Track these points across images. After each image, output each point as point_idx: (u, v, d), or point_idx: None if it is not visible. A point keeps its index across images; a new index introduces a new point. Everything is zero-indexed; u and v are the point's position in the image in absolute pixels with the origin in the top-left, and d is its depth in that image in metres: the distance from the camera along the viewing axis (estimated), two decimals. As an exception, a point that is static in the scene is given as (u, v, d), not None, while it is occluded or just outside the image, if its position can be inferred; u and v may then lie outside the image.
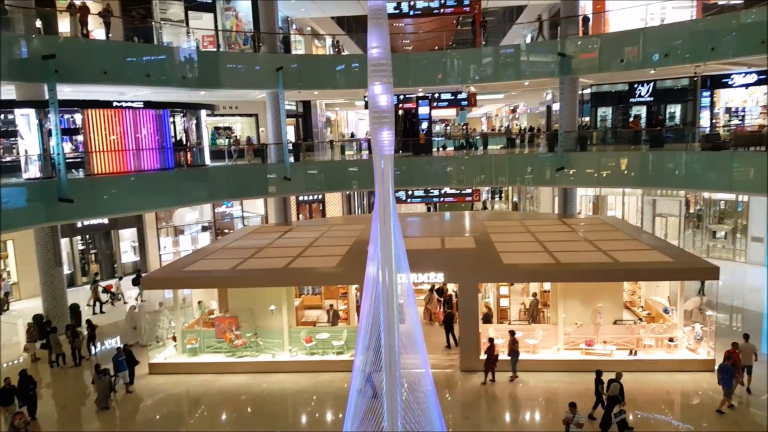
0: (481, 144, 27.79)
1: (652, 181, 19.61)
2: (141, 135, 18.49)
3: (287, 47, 23.79)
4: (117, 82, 17.89)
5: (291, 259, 16.22)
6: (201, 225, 28.17)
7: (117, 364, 14.18)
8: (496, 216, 31.29)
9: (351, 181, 24.03)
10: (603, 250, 15.58)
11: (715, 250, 24.33)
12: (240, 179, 21.93)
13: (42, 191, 15.77)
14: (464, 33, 28.52)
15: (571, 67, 20.57)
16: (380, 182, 10.01)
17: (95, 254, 24.92)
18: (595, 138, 23.44)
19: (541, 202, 34.73)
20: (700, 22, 18.04)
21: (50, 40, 16.46)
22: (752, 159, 16.16)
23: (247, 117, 29.62)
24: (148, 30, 21.04)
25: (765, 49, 15.53)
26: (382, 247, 9.64)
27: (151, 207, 21.27)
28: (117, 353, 14.34)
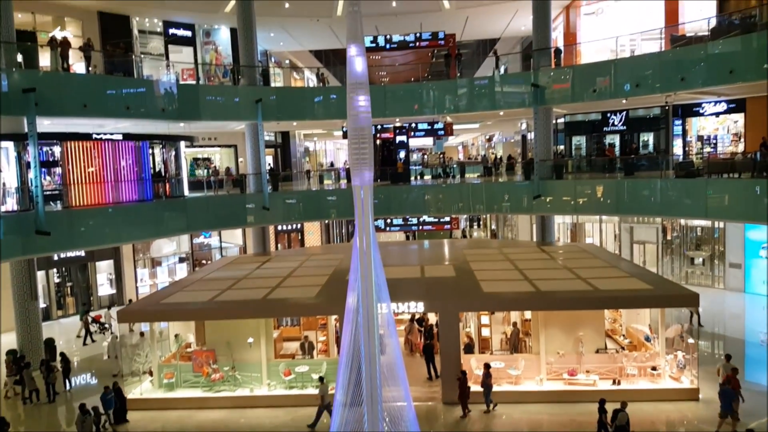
0: (458, 172, 28.14)
1: (629, 209, 19.94)
2: (120, 167, 18.35)
3: (266, 80, 24.00)
4: (97, 115, 17.83)
5: (269, 290, 16.06)
6: (179, 256, 27.81)
7: (105, 402, 13.71)
8: (475, 244, 31.48)
9: (329, 210, 24.05)
10: (583, 278, 15.73)
11: (694, 277, 24.68)
12: (218, 210, 21.80)
13: (19, 224, 15.52)
14: (439, 65, 29.22)
15: (544, 97, 21.05)
16: (360, 212, 10.07)
17: (71, 287, 24.40)
18: (570, 166, 23.86)
19: (519, 229, 35.07)
20: (669, 53, 18.63)
21: (30, 74, 16.39)
22: (726, 186, 16.57)
23: (227, 148, 29.64)
24: (128, 63, 21.10)
25: (733, 78, 16.13)
26: (363, 278, 9.62)
27: (129, 239, 20.99)
28: (105, 391, 13.89)
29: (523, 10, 26.24)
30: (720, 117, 23.35)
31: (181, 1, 23.83)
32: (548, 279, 15.89)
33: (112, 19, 24.25)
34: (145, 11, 25.07)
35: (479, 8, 26.68)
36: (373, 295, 9.85)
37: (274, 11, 25.24)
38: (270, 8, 24.60)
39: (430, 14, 27.08)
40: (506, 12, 27.62)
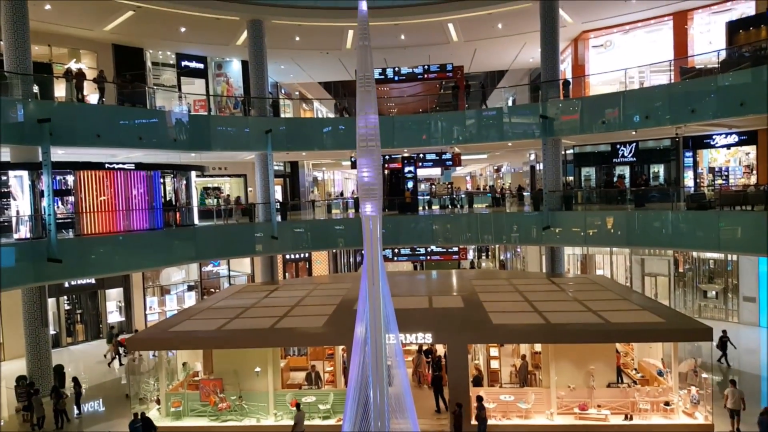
0: (466, 202, 28.11)
1: (640, 241, 19.73)
2: (131, 195, 18.53)
3: (276, 111, 24.35)
4: (110, 145, 18.11)
5: (277, 320, 15.96)
6: (187, 284, 27.81)
7: (133, 431, 13.57)
8: (483, 275, 31.27)
9: (337, 239, 24.03)
10: (593, 311, 15.51)
11: (707, 310, 24.24)
12: (228, 238, 21.86)
13: (32, 251, 15.67)
14: (448, 96, 29.59)
15: (553, 128, 21.12)
16: (368, 243, 10.04)
17: (81, 314, 24.43)
18: (580, 197, 23.77)
19: (528, 260, 34.82)
20: (679, 85, 18.68)
21: (46, 105, 16.73)
22: (739, 218, 16.38)
23: (236, 177, 29.89)
24: (141, 95, 21.50)
25: (743, 111, 16.11)
26: (371, 309, 9.54)
27: (139, 267, 21.09)
28: (134, 419, 13.75)
29: (531, 43, 26.59)
30: (731, 149, 23.26)
31: (195, 34, 24.31)
32: (558, 311, 15.68)
33: (126, 51, 24.82)
34: (159, 44, 25.65)
35: (487, 41, 27.06)
36: (381, 326, 9.75)
37: (284, 44, 25.74)
38: (281, 41, 25.10)
39: (438, 47, 27.48)
40: (514, 45, 27.98)
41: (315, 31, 24.53)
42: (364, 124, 8.91)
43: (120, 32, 22.94)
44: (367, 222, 9.98)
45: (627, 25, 25.12)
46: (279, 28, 23.69)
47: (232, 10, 21.94)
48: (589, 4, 22.35)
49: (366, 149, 8.97)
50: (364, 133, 8.98)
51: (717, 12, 22.31)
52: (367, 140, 9.06)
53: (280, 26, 23.53)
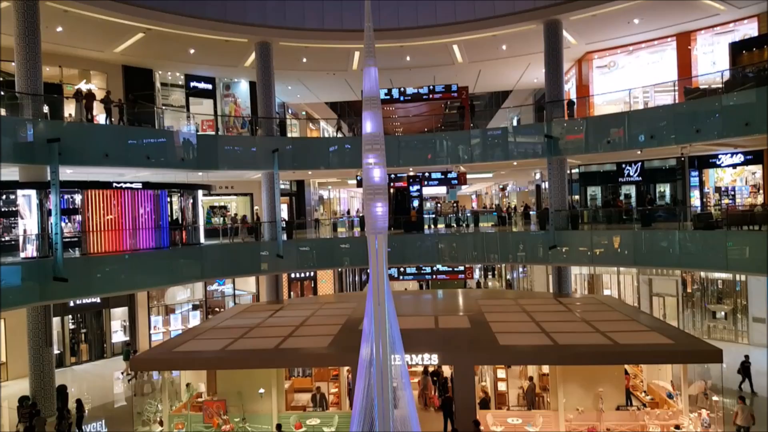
0: (472, 221, 28.09)
1: (647, 261, 19.61)
2: (138, 214, 18.64)
3: (283, 130, 24.56)
4: (118, 164, 18.30)
5: (281, 340, 15.88)
6: (192, 304, 27.77)
7: None
8: (489, 294, 31.12)
9: (343, 258, 24.02)
10: (601, 332, 15.36)
11: (716, 331, 23.95)
12: (233, 257, 21.90)
13: (38, 270, 15.74)
14: (453, 116, 29.80)
15: (558, 148, 21.19)
16: (374, 262, 10.03)
17: (85, 334, 24.40)
18: (586, 216, 23.73)
19: (535, 280, 34.63)
20: (683, 105, 18.75)
21: (55, 125, 16.95)
22: (746, 238, 16.28)
23: (243, 196, 30.03)
24: (149, 115, 21.76)
25: (749, 131, 16.13)
26: (377, 329, 9.50)
27: (144, 286, 21.12)
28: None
29: (535, 64, 26.80)
30: (737, 168, 23.22)
31: (204, 55, 24.65)
32: (566, 332, 15.54)
33: (136, 72, 25.16)
34: (168, 65, 26.00)
35: (492, 62, 27.29)
36: (387, 347, 9.70)
37: (292, 65, 26.05)
38: (288, 63, 25.41)
39: (443, 68, 27.74)
40: (518, 65, 28.20)
41: (322, 52, 24.84)
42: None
43: (130, 54, 23.28)
44: (372, 241, 9.99)
45: (631, 46, 25.30)
46: (287, 50, 23.99)
47: (241, 33, 22.25)
48: (593, 25, 22.55)
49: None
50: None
51: (720, 33, 22.46)
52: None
53: (287, 48, 23.83)
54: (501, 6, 21.94)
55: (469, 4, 22.41)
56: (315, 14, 22.72)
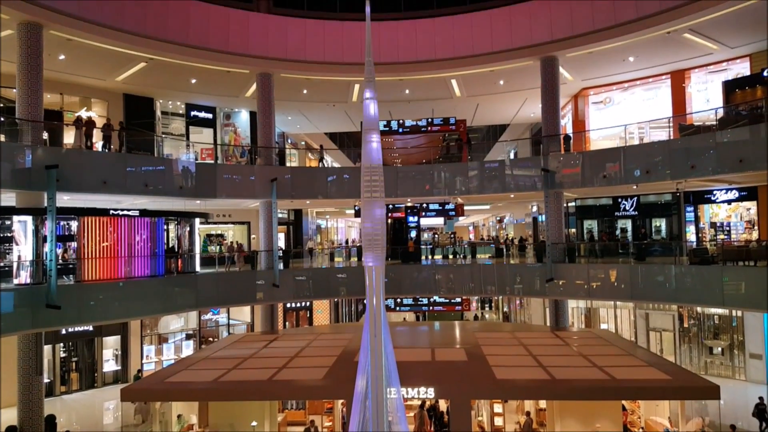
0: (469, 252, 28.07)
1: (643, 295, 19.58)
2: (134, 242, 18.59)
3: (282, 159, 24.72)
4: (116, 192, 18.32)
5: (275, 371, 15.64)
6: (186, 333, 27.46)
7: None
8: (487, 327, 30.84)
9: (339, 288, 23.90)
10: (599, 366, 15.22)
11: (713, 367, 23.75)
12: (229, 286, 21.77)
13: (31, 297, 15.59)
14: (451, 148, 30.19)
15: (554, 181, 21.36)
16: (371, 294, 9.98)
17: (76, 362, 24.01)
18: (583, 250, 23.77)
19: (532, 313, 34.45)
20: (678, 141, 19.02)
21: (54, 151, 17.05)
22: (742, 273, 16.31)
23: (240, 224, 30.02)
24: (149, 143, 21.90)
25: (743, 167, 16.32)
26: (373, 362, 9.40)
27: (138, 314, 20.90)
28: None
29: (532, 99, 27.21)
30: (732, 204, 23.40)
31: (205, 85, 24.94)
32: (563, 366, 15.38)
33: (137, 100, 25.38)
34: (169, 94, 26.28)
35: (489, 96, 27.70)
36: (383, 380, 9.58)
37: (292, 96, 26.38)
38: (289, 94, 25.73)
39: (441, 101, 28.13)
40: (515, 100, 28.62)
41: (322, 84, 25.18)
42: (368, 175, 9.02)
43: (132, 82, 23.53)
44: (370, 272, 9.97)
45: (626, 83, 25.75)
46: (287, 82, 24.32)
47: (243, 64, 22.58)
48: (589, 62, 22.99)
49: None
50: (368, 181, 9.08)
51: (713, 71, 22.91)
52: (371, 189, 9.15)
53: (288, 80, 24.17)
54: (499, 42, 22.38)
55: (467, 40, 22.86)
56: (316, 47, 23.11)
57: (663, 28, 19.32)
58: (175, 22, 20.71)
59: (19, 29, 17.11)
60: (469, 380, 14.94)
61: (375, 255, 9.45)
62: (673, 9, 18.51)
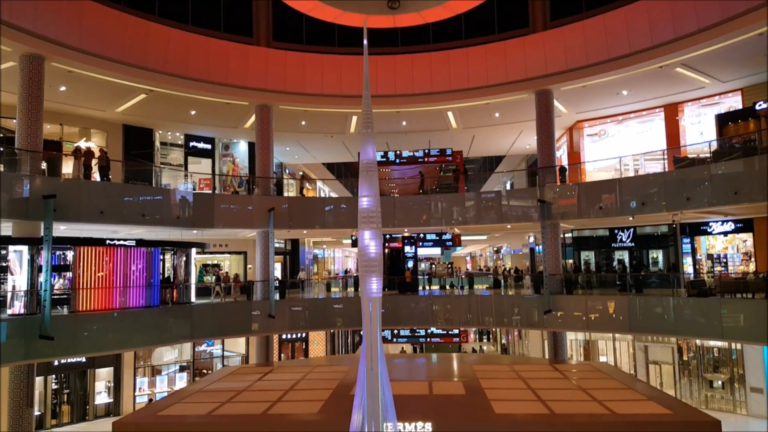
0: (466, 283, 27.96)
1: (642, 327, 19.48)
2: (130, 272, 18.50)
3: (279, 189, 24.81)
4: (113, 222, 18.31)
5: (270, 405, 15.36)
6: (179, 365, 27.08)
7: None
8: (485, 359, 30.53)
9: (336, 319, 23.71)
10: (598, 400, 15.01)
11: (714, 401, 23.45)
12: (224, 317, 21.59)
13: (24, 327, 15.46)
14: (447, 178, 30.48)
15: (551, 212, 21.44)
16: (368, 326, 9.90)
17: (68, 394, 23.60)
18: (580, 281, 23.72)
19: (530, 345, 34.16)
20: (674, 173, 19.17)
21: (52, 181, 17.08)
22: (740, 306, 16.27)
23: (237, 254, 29.91)
24: (147, 173, 21.97)
25: (738, 199, 16.44)
26: (369, 396, 9.26)
27: (132, 345, 20.66)
28: None
29: (527, 131, 27.51)
30: (728, 236, 23.46)
31: (204, 117, 25.18)
32: (562, 400, 15.16)
33: (136, 131, 25.52)
34: (169, 125, 26.48)
35: (485, 128, 28.01)
36: (379, 415, 9.43)
37: (290, 127, 26.62)
38: (287, 125, 25.98)
39: (438, 132, 28.41)
40: (511, 132, 28.93)
41: (320, 116, 25.45)
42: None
43: (131, 113, 23.73)
44: (366, 303, 9.90)
45: (620, 116, 26.09)
46: (286, 113, 24.58)
47: (243, 96, 22.84)
48: (583, 96, 23.33)
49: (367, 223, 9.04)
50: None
51: (706, 105, 23.26)
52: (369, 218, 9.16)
53: (287, 111, 24.43)
54: (494, 76, 22.74)
55: (463, 73, 23.22)
56: (315, 80, 23.43)
57: (655, 62, 19.68)
58: (176, 54, 21.01)
59: (22, 61, 17.33)
60: (468, 415, 14.70)
61: (372, 286, 9.40)
62: (665, 44, 18.88)
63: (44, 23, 17.15)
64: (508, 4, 23.27)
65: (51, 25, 17.35)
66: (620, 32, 20.05)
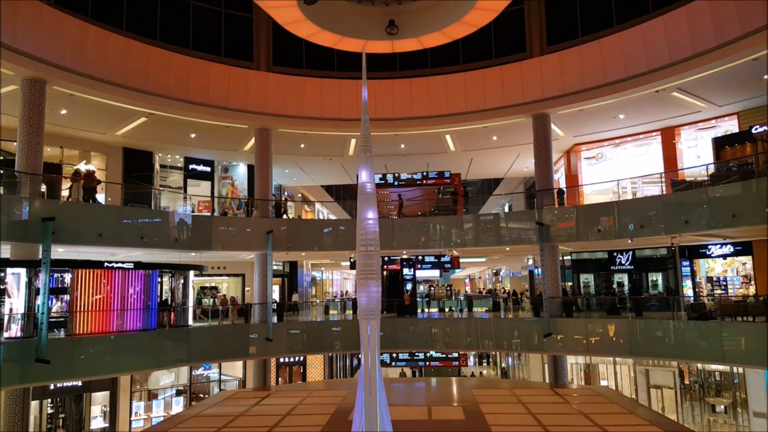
0: (465, 305, 27.82)
1: (643, 351, 19.33)
2: (128, 294, 18.42)
3: (278, 212, 24.83)
4: (112, 244, 18.29)
5: (267, 430, 15.17)
6: (176, 389, 26.75)
7: None
8: (485, 383, 30.26)
9: (334, 342, 23.52)
10: (600, 425, 14.83)
11: (716, 426, 23.14)
12: (221, 340, 21.40)
13: (20, 351, 15.31)
14: (446, 200, 30.68)
15: (549, 235, 21.43)
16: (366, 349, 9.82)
17: (63, 419, 23.22)
18: (580, 304, 23.62)
19: (531, 369, 33.84)
20: (671, 196, 19.23)
21: (51, 203, 17.09)
22: (741, 329, 16.18)
23: (235, 277, 29.80)
24: (146, 195, 21.98)
25: (736, 222, 16.47)
26: (367, 422, 9.14)
27: (129, 369, 20.40)
28: None
29: (525, 153, 27.67)
30: (727, 259, 23.44)
31: (204, 140, 25.30)
32: (564, 425, 15.00)
33: (136, 154, 25.60)
34: (169, 148, 26.58)
35: (483, 151, 28.17)
36: (377, 441, 9.29)
37: (290, 150, 26.76)
38: (286, 147, 26.12)
39: (436, 155, 28.56)
40: (509, 155, 29.09)
41: (319, 138, 25.60)
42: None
43: (132, 136, 23.85)
44: (365, 327, 9.84)
45: (617, 139, 26.27)
46: (285, 136, 24.73)
47: (243, 120, 22.99)
48: (580, 119, 23.52)
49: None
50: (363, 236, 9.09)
51: (703, 128, 23.44)
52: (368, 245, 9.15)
53: (286, 134, 24.58)
54: (491, 100, 22.93)
55: (461, 97, 23.43)
56: (314, 103, 23.62)
57: (651, 87, 19.88)
58: (177, 78, 21.20)
59: (23, 84, 17.47)
60: (467, 440, 14.49)
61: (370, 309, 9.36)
62: (660, 69, 19.08)
63: (47, 47, 17.32)
64: (505, 29, 23.58)
65: (53, 49, 17.53)
66: (616, 57, 20.31)
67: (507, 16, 18.39)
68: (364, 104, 10.61)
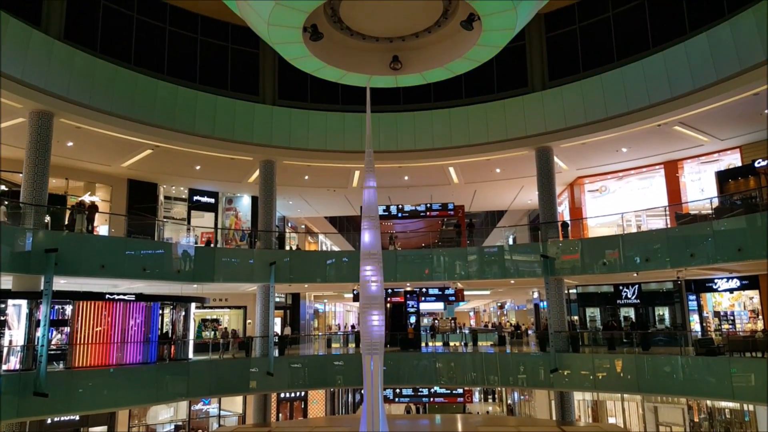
0: (470, 339, 27.46)
1: (651, 387, 18.95)
2: (128, 327, 18.25)
3: (281, 243, 24.76)
4: (114, 276, 18.23)
5: (268, 469, 14.81)
6: (175, 424, 26.25)
7: None
8: (490, 421, 29.60)
9: (336, 376, 23.13)
10: (607, 464, 14.43)
11: (728, 465, 22.53)
12: (221, 374, 21.09)
13: (18, 384, 15.12)
14: (450, 232, 30.57)
15: (554, 268, 21.25)
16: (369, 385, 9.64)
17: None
18: (586, 338, 23.25)
19: (537, 405, 33.17)
20: (676, 229, 19.12)
21: (54, 235, 17.09)
22: (750, 365, 15.87)
23: (236, 309, 29.58)
24: (149, 226, 21.99)
25: (742, 256, 16.31)
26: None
27: (127, 403, 20.05)
28: None
29: (528, 186, 27.70)
30: (734, 293, 23.17)
31: (209, 172, 25.46)
32: (571, 465, 14.58)
33: (141, 185, 25.72)
34: (173, 179, 26.74)
35: (486, 183, 28.23)
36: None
37: (293, 182, 26.87)
38: (290, 179, 26.24)
39: (440, 187, 28.62)
40: (512, 187, 29.14)
41: (323, 170, 25.72)
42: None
43: (136, 168, 24.02)
44: (368, 362, 9.67)
45: (620, 172, 26.30)
46: (289, 168, 24.86)
47: (247, 152, 23.14)
48: (583, 153, 23.60)
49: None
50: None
51: (705, 162, 23.47)
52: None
53: (290, 166, 24.71)
54: (494, 133, 23.07)
55: (464, 130, 23.58)
56: (318, 136, 23.81)
57: (653, 121, 19.99)
58: (183, 111, 21.44)
59: (31, 117, 17.67)
60: (472, 480, 14.10)
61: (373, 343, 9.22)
62: (661, 103, 19.21)
63: (56, 81, 17.60)
64: (507, 64, 23.85)
65: (62, 83, 17.80)
66: (617, 92, 20.48)
67: (509, 52, 18.56)
68: (368, 137, 10.68)
